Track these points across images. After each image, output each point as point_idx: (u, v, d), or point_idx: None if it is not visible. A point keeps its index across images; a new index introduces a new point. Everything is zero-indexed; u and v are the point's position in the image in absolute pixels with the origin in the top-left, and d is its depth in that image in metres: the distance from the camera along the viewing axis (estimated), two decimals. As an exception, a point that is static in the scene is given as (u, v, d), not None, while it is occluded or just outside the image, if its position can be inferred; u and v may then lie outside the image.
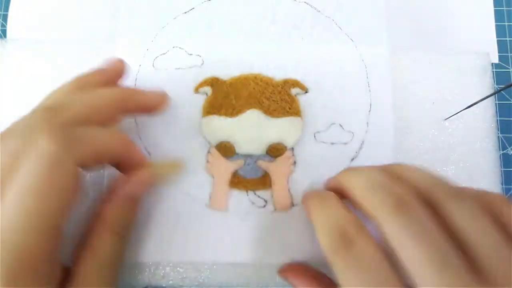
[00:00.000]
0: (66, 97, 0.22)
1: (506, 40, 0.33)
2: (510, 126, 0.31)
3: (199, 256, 0.26)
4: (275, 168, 0.27)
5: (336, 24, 0.30)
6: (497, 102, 0.31)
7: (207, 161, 0.27)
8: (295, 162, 0.27)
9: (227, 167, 0.27)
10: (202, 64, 0.29)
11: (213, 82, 0.28)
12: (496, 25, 0.33)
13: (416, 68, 0.30)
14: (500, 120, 0.31)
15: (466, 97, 0.29)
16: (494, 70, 0.32)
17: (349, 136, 0.28)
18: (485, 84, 0.30)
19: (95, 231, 0.21)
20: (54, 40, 0.29)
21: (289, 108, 0.28)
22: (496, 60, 0.32)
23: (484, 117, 0.29)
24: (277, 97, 0.28)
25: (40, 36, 0.31)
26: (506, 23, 0.33)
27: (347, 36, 0.29)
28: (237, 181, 0.27)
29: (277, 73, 0.29)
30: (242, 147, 0.27)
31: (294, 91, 0.28)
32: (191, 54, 0.29)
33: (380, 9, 0.30)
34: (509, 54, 0.32)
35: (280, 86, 0.28)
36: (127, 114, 0.24)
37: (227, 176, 0.27)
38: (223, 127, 0.27)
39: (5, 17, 0.32)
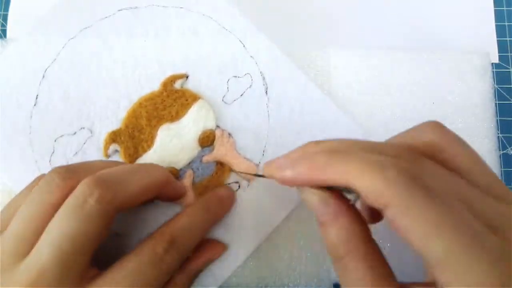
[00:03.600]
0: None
1: (506, 40, 0.33)
2: (510, 126, 0.31)
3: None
4: (220, 152, 0.27)
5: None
6: (497, 102, 0.31)
7: None
8: (229, 134, 0.28)
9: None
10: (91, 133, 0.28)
11: (113, 137, 0.27)
12: (496, 25, 0.33)
13: (416, 68, 0.30)
14: (500, 120, 0.30)
15: (466, 97, 0.29)
16: (494, 70, 0.32)
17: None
18: (485, 84, 0.30)
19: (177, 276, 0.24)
20: (54, 40, 0.29)
21: (186, 100, 0.28)
22: (496, 60, 0.32)
23: (484, 117, 0.29)
24: (170, 101, 0.28)
25: (40, 36, 0.31)
26: (506, 23, 0.33)
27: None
28: (204, 188, 0.27)
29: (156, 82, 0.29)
30: (180, 161, 0.27)
31: (178, 84, 0.28)
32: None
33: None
34: (509, 54, 0.32)
35: (164, 91, 0.28)
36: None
37: (193, 196, 0.27)
38: (153, 160, 0.27)
39: (5, 17, 0.32)
